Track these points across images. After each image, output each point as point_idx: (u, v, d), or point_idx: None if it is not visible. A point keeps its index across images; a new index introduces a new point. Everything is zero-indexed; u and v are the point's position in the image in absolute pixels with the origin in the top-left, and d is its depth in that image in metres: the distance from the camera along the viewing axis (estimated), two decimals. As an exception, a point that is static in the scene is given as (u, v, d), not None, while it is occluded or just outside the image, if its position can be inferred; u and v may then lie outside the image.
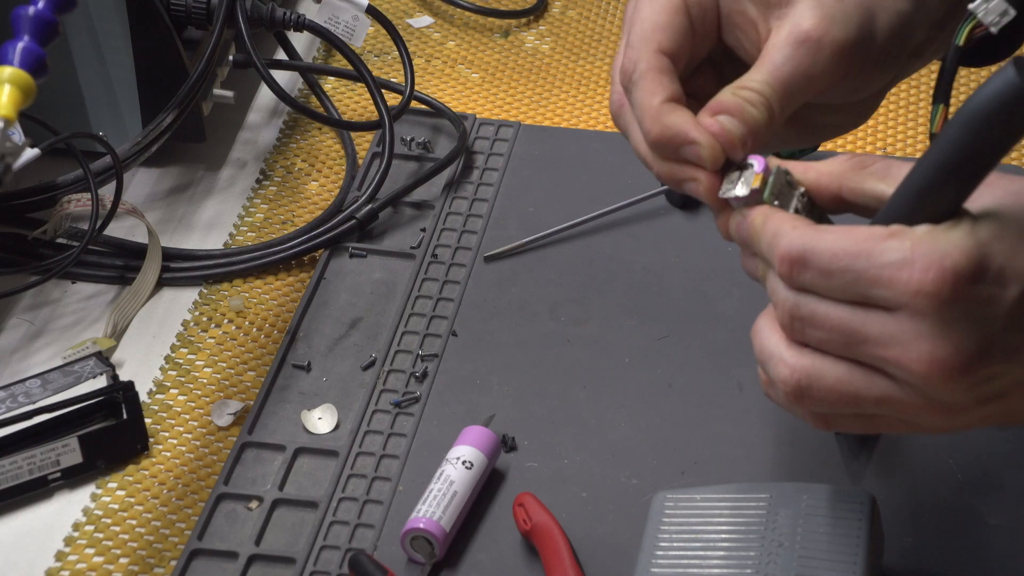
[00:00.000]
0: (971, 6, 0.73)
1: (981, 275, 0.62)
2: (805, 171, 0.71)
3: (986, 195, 0.65)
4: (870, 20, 0.73)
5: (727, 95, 0.72)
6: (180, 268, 1.06)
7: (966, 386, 0.64)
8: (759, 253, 0.69)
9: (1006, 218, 0.64)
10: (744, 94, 0.72)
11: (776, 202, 0.69)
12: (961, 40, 0.75)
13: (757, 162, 0.70)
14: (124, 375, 0.95)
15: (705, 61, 0.77)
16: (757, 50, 0.74)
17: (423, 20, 1.33)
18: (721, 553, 0.78)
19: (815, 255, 0.65)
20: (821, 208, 0.70)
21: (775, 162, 0.71)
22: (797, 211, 0.69)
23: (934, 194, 0.64)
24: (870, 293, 0.64)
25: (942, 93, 0.78)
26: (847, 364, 0.66)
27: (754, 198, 0.70)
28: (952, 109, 0.74)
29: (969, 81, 1.22)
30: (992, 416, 0.66)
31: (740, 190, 0.70)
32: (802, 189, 0.70)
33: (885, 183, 0.68)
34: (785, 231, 0.67)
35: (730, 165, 0.71)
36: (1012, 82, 0.59)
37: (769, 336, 0.68)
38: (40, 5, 0.88)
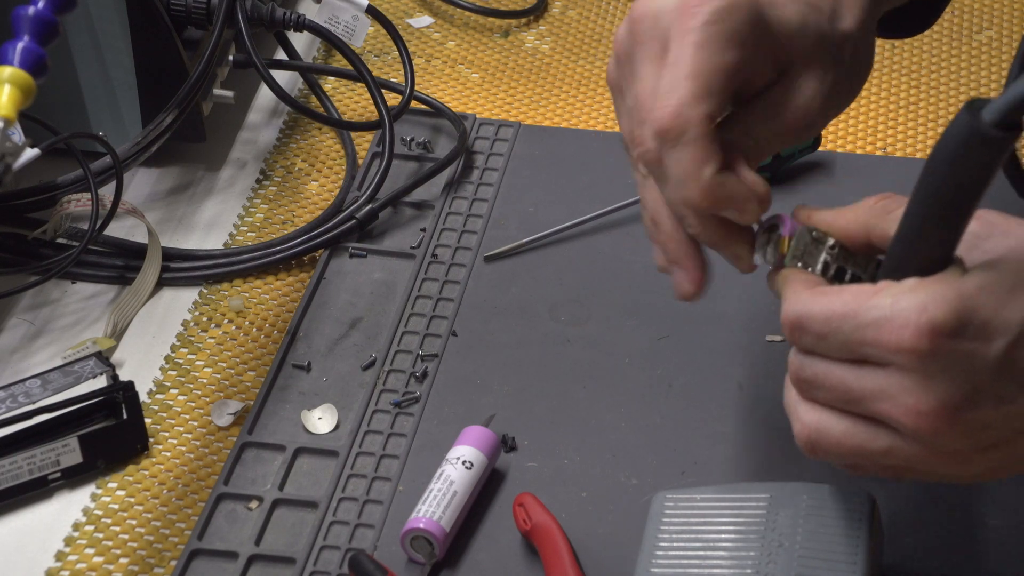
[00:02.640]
0: None
1: (961, 329, 0.63)
2: (834, 220, 0.71)
3: (1000, 244, 0.66)
4: (863, 75, 0.75)
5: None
6: (180, 268, 1.06)
7: (959, 434, 0.64)
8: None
9: (1001, 269, 0.64)
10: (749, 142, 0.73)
11: (799, 263, 0.70)
12: None
13: (784, 225, 0.72)
14: (124, 375, 0.95)
15: None
16: (753, 85, 0.74)
17: (423, 20, 1.33)
18: (721, 553, 0.78)
19: (810, 320, 0.66)
20: (857, 254, 0.71)
21: (803, 213, 0.72)
22: (827, 264, 0.70)
23: (918, 245, 0.64)
24: (861, 352, 0.65)
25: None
26: (851, 419, 0.67)
27: (780, 261, 0.71)
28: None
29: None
30: (1005, 464, 0.67)
31: (769, 256, 0.72)
32: (831, 241, 0.70)
33: None
34: (787, 297, 0.68)
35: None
36: (965, 124, 0.59)
37: (790, 391, 0.70)
38: (40, 5, 0.88)
